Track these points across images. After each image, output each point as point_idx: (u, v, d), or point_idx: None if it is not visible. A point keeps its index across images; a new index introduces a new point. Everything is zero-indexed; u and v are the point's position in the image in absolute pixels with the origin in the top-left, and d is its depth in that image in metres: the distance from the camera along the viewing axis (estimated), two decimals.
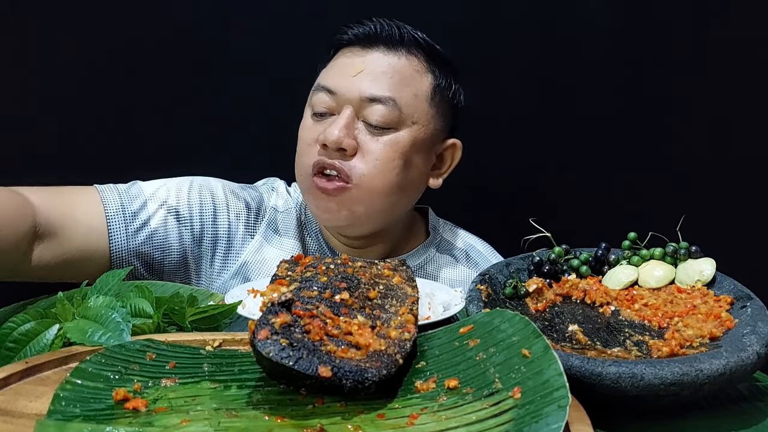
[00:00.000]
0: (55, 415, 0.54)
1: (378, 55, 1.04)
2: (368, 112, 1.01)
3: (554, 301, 0.83)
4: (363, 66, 1.03)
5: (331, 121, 1.02)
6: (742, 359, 0.64)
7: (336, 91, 1.02)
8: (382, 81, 1.02)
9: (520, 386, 0.55)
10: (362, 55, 1.05)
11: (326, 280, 0.72)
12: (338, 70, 1.04)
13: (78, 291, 0.80)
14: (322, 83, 1.04)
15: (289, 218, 1.13)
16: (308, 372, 0.56)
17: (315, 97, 1.04)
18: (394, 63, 1.04)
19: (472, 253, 1.20)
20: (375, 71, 1.03)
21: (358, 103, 1.01)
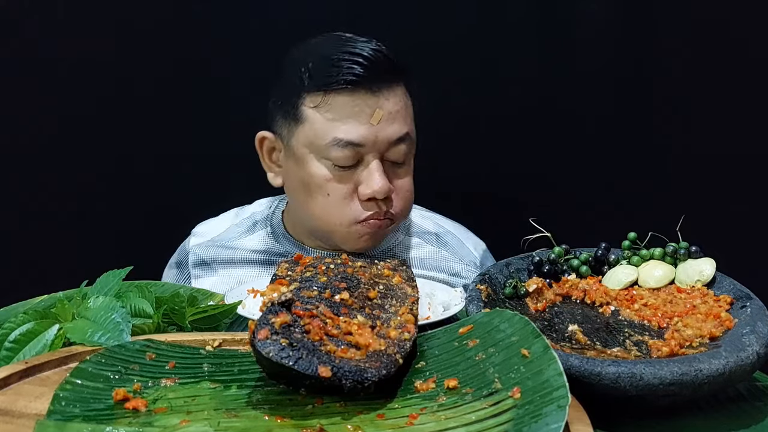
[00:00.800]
0: (55, 415, 0.54)
1: (386, 94, 1.00)
2: (392, 152, 1.02)
3: (554, 301, 0.83)
4: (381, 111, 0.99)
5: (362, 170, 1.01)
6: (741, 359, 0.64)
7: (364, 144, 0.99)
8: (399, 120, 1.02)
9: (519, 386, 0.55)
10: (373, 98, 0.99)
11: (326, 280, 0.72)
12: (355, 119, 0.99)
13: (78, 291, 0.80)
14: (345, 138, 0.98)
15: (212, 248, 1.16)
16: (308, 372, 0.56)
17: (337, 153, 0.99)
18: (399, 97, 1.02)
19: (441, 233, 1.20)
20: (391, 112, 1.01)
21: (385, 147, 1.01)
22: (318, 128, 1.00)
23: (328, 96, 0.99)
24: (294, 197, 1.09)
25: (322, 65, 0.99)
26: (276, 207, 1.19)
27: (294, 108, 1.02)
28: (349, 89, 0.98)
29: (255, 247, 1.15)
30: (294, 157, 1.04)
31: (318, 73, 1.00)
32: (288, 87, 1.03)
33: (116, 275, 0.79)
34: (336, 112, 0.99)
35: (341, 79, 0.98)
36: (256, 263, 1.15)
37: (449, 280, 1.14)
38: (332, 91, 0.99)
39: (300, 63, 1.02)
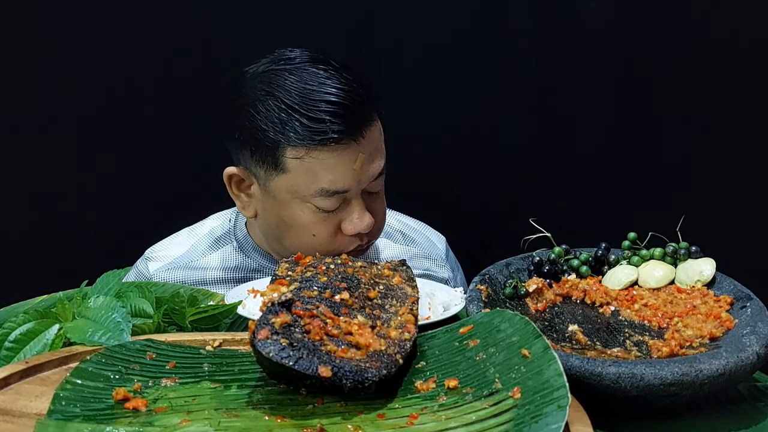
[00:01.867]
0: (56, 415, 0.54)
1: (365, 135, 0.98)
2: (371, 186, 1.02)
3: (554, 301, 0.83)
4: (364, 155, 0.98)
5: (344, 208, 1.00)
6: (741, 359, 0.64)
7: (349, 189, 0.98)
8: (377, 156, 1.01)
9: (519, 386, 0.55)
10: (356, 144, 0.97)
11: (326, 280, 0.72)
12: (339, 168, 0.97)
13: (78, 291, 0.80)
14: (331, 188, 0.97)
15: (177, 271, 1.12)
16: (308, 372, 0.56)
17: (323, 202, 0.98)
18: (376, 134, 1.01)
19: (406, 230, 1.20)
20: (370, 151, 0.99)
21: (366, 185, 1.01)
22: (301, 178, 0.98)
23: (312, 150, 0.96)
24: (272, 229, 1.05)
25: (303, 119, 0.95)
26: (236, 220, 1.15)
27: (272, 155, 0.98)
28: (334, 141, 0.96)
29: (224, 265, 1.12)
30: (273, 198, 1.01)
31: (299, 128, 0.96)
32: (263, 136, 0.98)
33: (116, 275, 0.79)
34: (320, 164, 0.97)
35: (325, 138, 0.95)
36: (230, 282, 1.12)
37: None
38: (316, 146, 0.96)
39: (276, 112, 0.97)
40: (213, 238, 1.15)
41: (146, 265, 1.14)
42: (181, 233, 1.18)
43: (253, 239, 1.13)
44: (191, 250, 1.14)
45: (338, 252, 1.00)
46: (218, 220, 1.18)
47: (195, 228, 1.18)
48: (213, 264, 1.12)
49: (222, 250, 1.14)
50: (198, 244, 1.15)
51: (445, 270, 1.19)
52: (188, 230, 1.18)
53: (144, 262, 1.15)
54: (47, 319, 0.71)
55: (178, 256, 1.14)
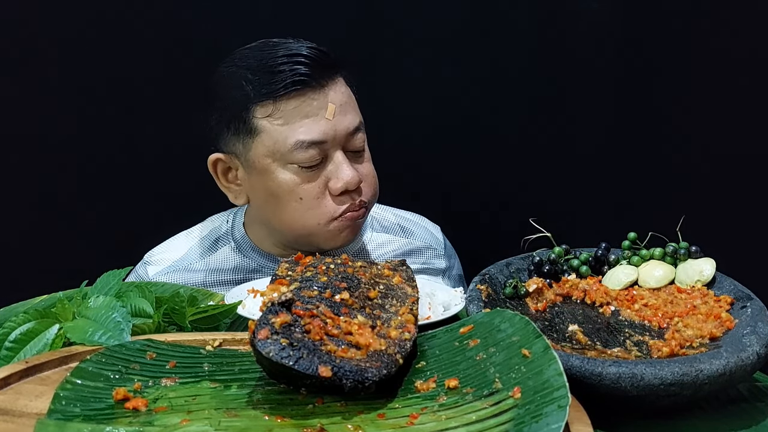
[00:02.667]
0: (56, 415, 0.54)
1: (332, 88, 1.01)
2: (351, 143, 1.03)
3: (554, 301, 0.83)
4: (333, 104, 1.00)
5: (328, 166, 1.01)
6: (742, 359, 0.64)
7: (325, 140, 1.00)
8: (350, 110, 1.03)
9: (520, 386, 0.55)
10: (321, 94, 1.00)
11: (326, 280, 0.72)
12: (311, 118, 0.99)
13: (78, 291, 0.80)
14: (307, 139, 0.98)
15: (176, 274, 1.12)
16: (308, 372, 0.56)
17: (302, 155, 0.99)
18: (342, 89, 1.03)
19: (404, 224, 1.21)
20: (342, 104, 1.01)
21: (344, 139, 1.02)
22: (276, 136, 0.99)
23: (278, 102, 0.98)
24: (263, 210, 1.06)
25: (265, 74, 0.99)
26: (234, 221, 1.16)
27: (244, 123, 1.00)
28: (298, 91, 0.98)
29: (223, 266, 1.13)
30: (256, 170, 1.02)
31: (262, 82, 0.98)
32: (231, 103, 1.01)
33: (116, 275, 0.79)
34: (290, 116, 0.98)
35: (288, 83, 0.97)
36: (230, 284, 1.11)
37: (422, 269, 1.16)
38: (281, 97, 0.98)
39: (239, 77, 1.01)
40: (211, 240, 1.15)
41: (145, 269, 1.14)
42: (179, 236, 1.18)
43: (251, 239, 1.13)
44: (189, 253, 1.14)
45: (331, 218, 1.01)
46: (216, 221, 1.18)
47: (193, 231, 1.18)
48: (212, 266, 1.12)
49: (220, 251, 1.14)
50: (196, 247, 1.15)
51: (443, 259, 1.21)
52: (186, 233, 1.18)
53: (143, 266, 1.15)
54: (47, 319, 0.71)
55: (177, 259, 1.14)
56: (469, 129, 1.53)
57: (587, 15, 1.48)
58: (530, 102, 1.52)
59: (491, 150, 1.52)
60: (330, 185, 1.01)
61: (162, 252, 1.16)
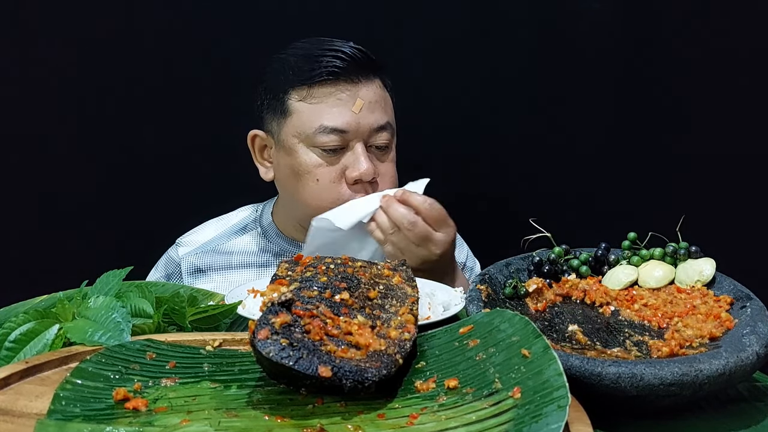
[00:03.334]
0: (56, 415, 0.54)
1: (365, 85, 1.09)
2: (375, 139, 1.11)
3: (554, 301, 0.83)
4: (362, 100, 1.08)
5: (349, 155, 1.09)
6: (741, 359, 0.64)
7: (347, 130, 1.08)
8: (378, 110, 1.10)
9: (519, 386, 0.55)
10: (353, 88, 1.08)
11: (326, 280, 0.72)
12: (339, 108, 1.07)
13: (78, 291, 0.80)
14: (330, 125, 1.07)
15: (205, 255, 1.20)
16: (308, 372, 0.56)
17: (323, 138, 1.07)
18: (376, 89, 1.11)
19: None
20: (371, 102, 1.09)
21: (367, 135, 1.09)
22: (305, 118, 1.09)
23: (312, 88, 1.08)
24: (285, 187, 1.15)
25: (305, 62, 1.09)
26: (263, 210, 1.24)
27: (281, 103, 1.10)
28: (331, 81, 1.08)
29: (247, 248, 1.20)
30: (284, 148, 1.11)
31: (301, 68, 1.09)
32: (274, 85, 1.12)
33: (116, 275, 0.79)
34: (320, 102, 1.08)
35: (323, 71, 1.07)
36: (252, 266, 1.19)
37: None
38: (316, 84, 1.08)
39: (284, 62, 1.11)
40: (241, 225, 1.24)
41: (176, 250, 1.22)
42: (210, 222, 1.27)
43: (276, 225, 1.21)
44: (218, 236, 1.23)
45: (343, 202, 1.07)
46: (246, 211, 1.27)
47: (223, 218, 1.27)
48: (238, 248, 1.21)
49: (247, 235, 1.22)
50: (224, 231, 1.23)
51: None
52: (216, 220, 1.27)
53: (174, 248, 1.23)
54: (47, 319, 0.71)
55: (206, 241, 1.22)
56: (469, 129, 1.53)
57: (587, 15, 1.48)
58: (530, 102, 1.52)
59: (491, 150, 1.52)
60: (347, 174, 1.09)
61: (192, 235, 1.25)
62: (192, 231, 1.25)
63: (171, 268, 1.22)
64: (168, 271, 1.22)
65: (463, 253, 1.30)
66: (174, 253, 1.22)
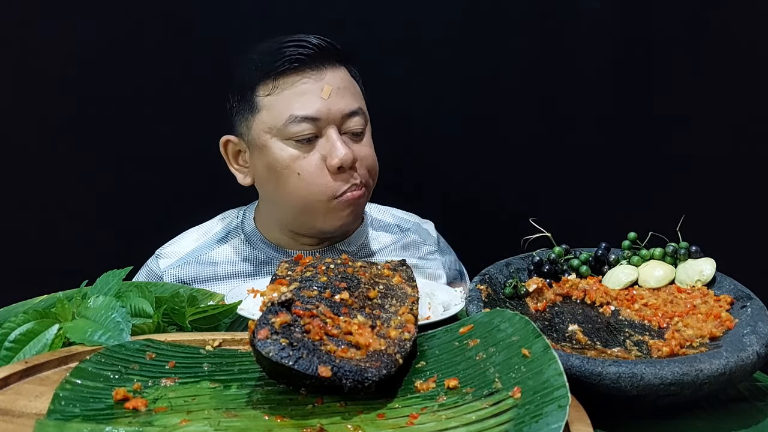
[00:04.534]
0: (55, 415, 0.54)
1: (331, 72, 1.07)
2: (348, 124, 1.07)
3: (554, 301, 0.83)
4: (329, 86, 1.05)
5: (323, 143, 1.05)
6: (742, 359, 0.64)
7: (319, 117, 1.04)
8: (348, 96, 1.08)
9: (520, 386, 0.55)
10: (319, 75, 1.06)
11: (326, 280, 0.72)
12: (307, 96, 1.04)
13: (78, 291, 0.80)
14: (300, 113, 1.04)
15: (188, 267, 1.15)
16: (308, 372, 0.56)
17: (295, 128, 1.04)
18: (343, 76, 1.08)
19: (401, 223, 1.24)
20: (339, 88, 1.06)
21: (339, 120, 1.06)
22: (274, 111, 1.05)
23: (278, 80, 1.05)
24: (266, 189, 1.11)
25: (269, 55, 1.06)
26: (244, 216, 1.19)
27: (248, 102, 1.07)
28: (296, 69, 1.05)
29: (232, 258, 1.16)
30: (257, 148, 1.08)
31: (265, 62, 1.06)
32: (240, 85, 1.09)
33: (116, 275, 0.79)
34: (287, 93, 1.05)
35: (286, 60, 1.04)
36: (241, 276, 1.14)
37: (418, 263, 1.19)
38: (281, 75, 1.05)
39: (248, 61, 1.08)
40: (222, 234, 1.18)
41: (156, 263, 1.17)
42: (190, 231, 1.21)
43: (260, 232, 1.16)
44: (200, 246, 1.17)
45: (332, 196, 1.05)
46: (227, 218, 1.22)
47: (203, 226, 1.22)
48: (222, 257, 1.16)
49: (230, 243, 1.17)
50: (206, 241, 1.18)
51: (437, 254, 1.24)
52: (196, 228, 1.22)
53: (154, 260, 1.17)
54: (47, 319, 0.71)
55: (188, 252, 1.17)
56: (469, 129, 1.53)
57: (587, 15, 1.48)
58: (530, 102, 1.51)
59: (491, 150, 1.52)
60: (327, 162, 1.05)
61: (172, 246, 1.19)
62: (171, 242, 1.20)
63: (153, 281, 1.15)
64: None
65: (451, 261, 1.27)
66: (155, 266, 1.17)
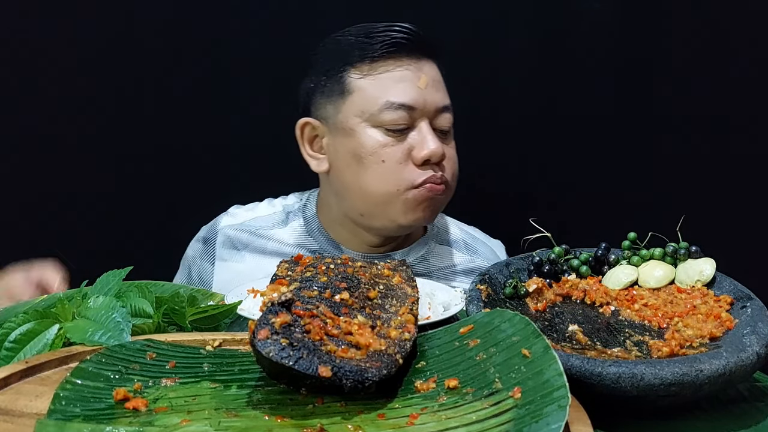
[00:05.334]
0: (56, 415, 0.54)
1: (426, 64, 1.05)
2: (439, 120, 1.05)
3: (554, 301, 0.83)
4: (426, 76, 1.04)
5: (414, 135, 1.03)
6: (741, 359, 0.64)
7: (415, 107, 1.02)
8: (441, 90, 1.06)
9: (520, 386, 0.55)
10: (416, 64, 1.04)
11: (326, 280, 0.72)
12: (405, 84, 1.02)
13: (78, 291, 0.80)
14: (397, 100, 1.01)
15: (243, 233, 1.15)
16: (308, 372, 0.56)
17: (390, 116, 1.01)
18: (437, 71, 1.07)
19: (468, 240, 1.22)
20: (434, 81, 1.05)
21: (432, 114, 1.04)
22: (368, 95, 1.02)
23: (375, 63, 1.03)
24: (344, 176, 1.07)
25: (364, 38, 1.04)
26: (307, 199, 1.19)
27: (339, 83, 1.04)
28: (394, 54, 1.03)
29: (288, 240, 1.15)
30: (342, 131, 1.05)
31: (361, 44, 1.03)
32: (329, 66, 1.06)
33: (116, 275, 0.79)
34: (384, 77, 1.02)
35: (386, 43, 1.02)
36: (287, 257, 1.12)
37: None
38: (378, 59, 1.03)
39: (340, 42, 1.06)
40: (286, 212, 1.18)
41: (222, 218, 1.18)
42: (264, 202, 1.22)
43: (319, 221, 1.15)
44: (263, 220, 1.17)
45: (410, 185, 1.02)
46: (290, 199, 1.22)
47: (273, 201, 1.22)
48: (278, 236, 1.15)
49: (290, 225, 1.16)
50: (271, 216, 1.18)
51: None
52: (268, 201, 1.22)
53: (224, 216, 1.19)
54: (47, 319, 0.71)
55: (251, 219, 1.17)
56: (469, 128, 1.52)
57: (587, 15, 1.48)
58: (530, 101, 1.51)
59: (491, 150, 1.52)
60: (413, 154, 1.03)
61: (243, 209, 1.20)
62: (247, 206, 1.20)
63: (211, 232, 1.17)
64: (208, 234, 1.17)
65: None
66: (220, 220, 1.18)
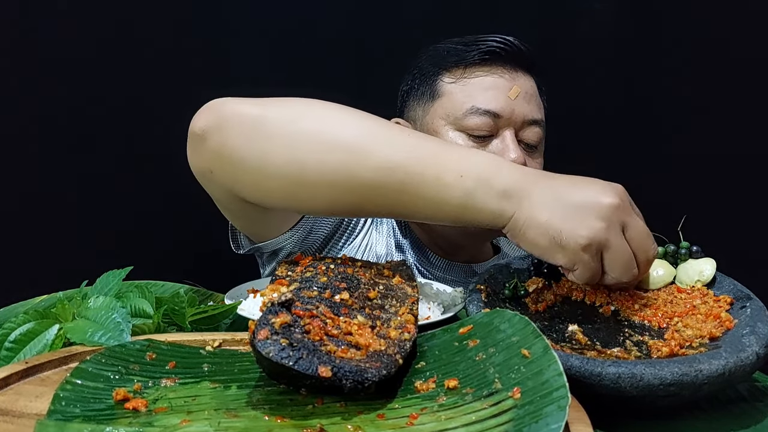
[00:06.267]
0: (55, 415, 0.54)
1: (522, 76, 1.05)
2: (526, 133, 1.04)
3: (554, 301, 0.83)
4: (519, 87, 1.03)
5: (496, 143, 1.03)
6: (741, 360, 0.64)
7: (501, 115, 1.02)
8: (533, 103, 1.05)
9: (519, 386, 0.55)
10: (510, 76, 1.04)
11: (326, 280, 0.72)
12: (493, 92, 1.02)
13: (78, 291, 0.80)
14: (483, 107, 1.01)
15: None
16: (308, 372, 0.56)
17: (474, 120, 1.02)
18: (532, 84, 1.06)
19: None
20: (527, 93, 1.04)
21: (519, 125, 1.03)
22: (456, 99, 1.04)
23: (468, 69, 1.04)
24: None
25: (463, 44, 1.05)
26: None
27: (431, 86, 1.07)
28: (488, 62, 1.04)
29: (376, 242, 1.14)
30: (428, 132, 1.05)
31: (458, 51, 1.05)
32: (426, 69, 1.08)
33: (116, 275, 0.79)
34: (474, 83, 1.04)
35: (482, 52, 1.03)
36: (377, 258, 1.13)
37: None
38: (472, 65, 1.04)
39: (439, 49, 1.08)
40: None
41: None
42: None
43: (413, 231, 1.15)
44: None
45: None
46: None
47: None
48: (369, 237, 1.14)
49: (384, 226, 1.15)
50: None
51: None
52: None
53: None
54: (47, 319, 0.71)
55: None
56: None
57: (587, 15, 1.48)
58: None
59: None
60: None
61: None
62: None
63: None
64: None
65: None
66: None
